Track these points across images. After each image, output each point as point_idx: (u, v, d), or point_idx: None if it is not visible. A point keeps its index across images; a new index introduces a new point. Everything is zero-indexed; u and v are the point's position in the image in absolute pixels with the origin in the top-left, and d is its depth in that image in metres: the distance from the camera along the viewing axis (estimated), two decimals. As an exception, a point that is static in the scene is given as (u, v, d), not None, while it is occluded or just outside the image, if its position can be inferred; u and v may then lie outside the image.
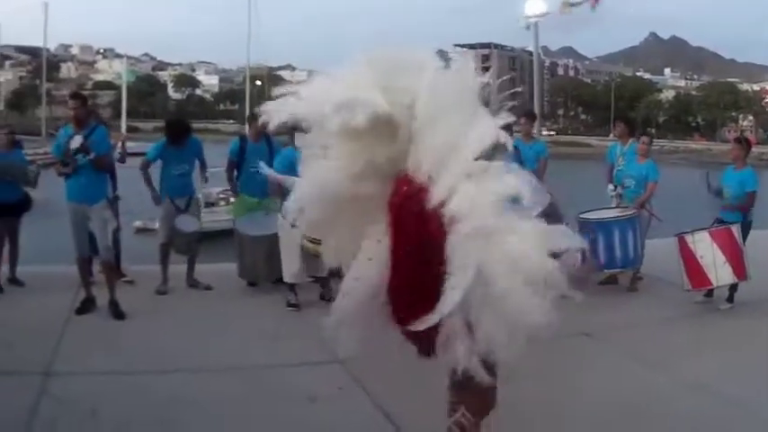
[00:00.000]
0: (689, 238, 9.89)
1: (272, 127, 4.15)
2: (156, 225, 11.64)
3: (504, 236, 3.72)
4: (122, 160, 11.48)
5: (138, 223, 25.91)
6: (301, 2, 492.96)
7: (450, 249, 3.74)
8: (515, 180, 3.78)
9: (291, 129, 9.05)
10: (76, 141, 8.88)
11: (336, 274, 6.57)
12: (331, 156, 4.15)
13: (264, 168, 8.67)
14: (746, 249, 9.86)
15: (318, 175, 4.20)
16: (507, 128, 4.01)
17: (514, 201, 3.76)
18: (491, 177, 3.79)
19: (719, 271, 9.65)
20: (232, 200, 14.59)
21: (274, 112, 4.05)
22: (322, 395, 6.76)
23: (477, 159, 3.81)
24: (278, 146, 10.95)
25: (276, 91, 4.13)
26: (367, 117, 3.76)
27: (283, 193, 9.70)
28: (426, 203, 3.82)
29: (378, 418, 6.34)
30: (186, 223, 10.35)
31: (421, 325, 3.83)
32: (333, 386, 7.00)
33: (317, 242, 9.37)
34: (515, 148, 10.56)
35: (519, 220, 3.77)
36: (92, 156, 8.88)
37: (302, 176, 4.36)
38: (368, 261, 4.23)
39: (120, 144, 11.75)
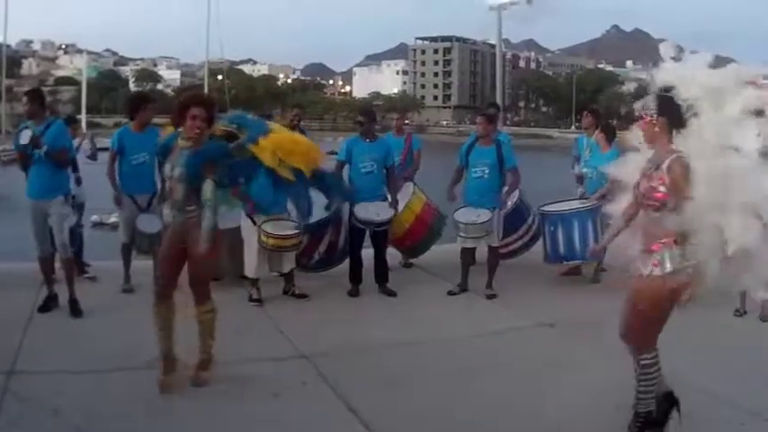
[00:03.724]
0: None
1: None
2: (112, 219, 11.49)
3: None
4: (94, 157, 11.38)
5: (94, 218, 25.68)
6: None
7: None
8: None
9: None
10: (25, 136, 8.80)
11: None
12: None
13: None
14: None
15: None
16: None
17: None
18: None
19: None
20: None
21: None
22: (286, 390, 6.71)
23: None
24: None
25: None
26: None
27: None
28: None
29: (343, 413, 6.30)
30: (148, 224, 10.12)
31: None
32: (297, 381, 6.96)
33: (276, 238, 9.39)
34: (498, 141, 10.59)
35: None
36: (43, 149, 8.76)
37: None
38: None
39: (85, 140, 11.65)
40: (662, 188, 5.33)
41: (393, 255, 11.44)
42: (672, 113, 5.40)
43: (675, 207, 5.30)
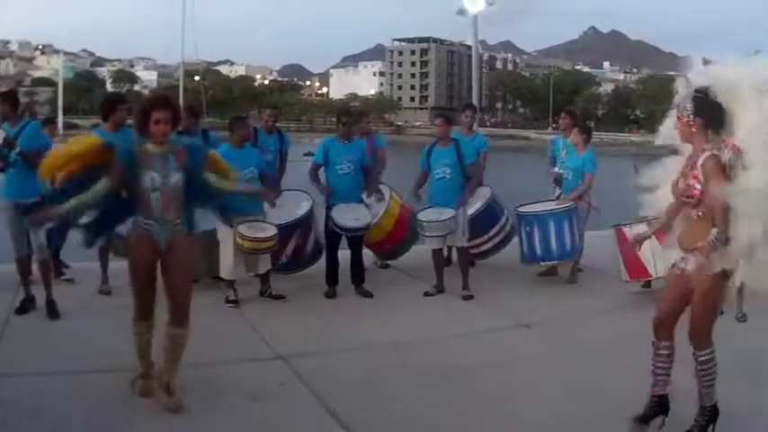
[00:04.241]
0: (627, 230, 9.90)
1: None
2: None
3: None
4: None
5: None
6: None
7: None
8: None
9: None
10: None
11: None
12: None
13: None
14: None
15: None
16: None
17: None
18: None
19: (658, 262, 9.72)
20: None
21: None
22: (264, 392, 6.70)
23: None
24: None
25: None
26: None
27: None
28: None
29: (322, 415, 6.30)
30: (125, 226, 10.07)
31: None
32: (274, 382, 6.97)
33: (251, 240, 9.38)
34: (456, 141, 10.64)
35: None
36: (17, 150, 8.73)
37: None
38: None
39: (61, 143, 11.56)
40: (697, 185, 5.43)
41: (369, 255, 11.44)
42: (708, 114, 5.50)
43: (709, 203, 5.41)
